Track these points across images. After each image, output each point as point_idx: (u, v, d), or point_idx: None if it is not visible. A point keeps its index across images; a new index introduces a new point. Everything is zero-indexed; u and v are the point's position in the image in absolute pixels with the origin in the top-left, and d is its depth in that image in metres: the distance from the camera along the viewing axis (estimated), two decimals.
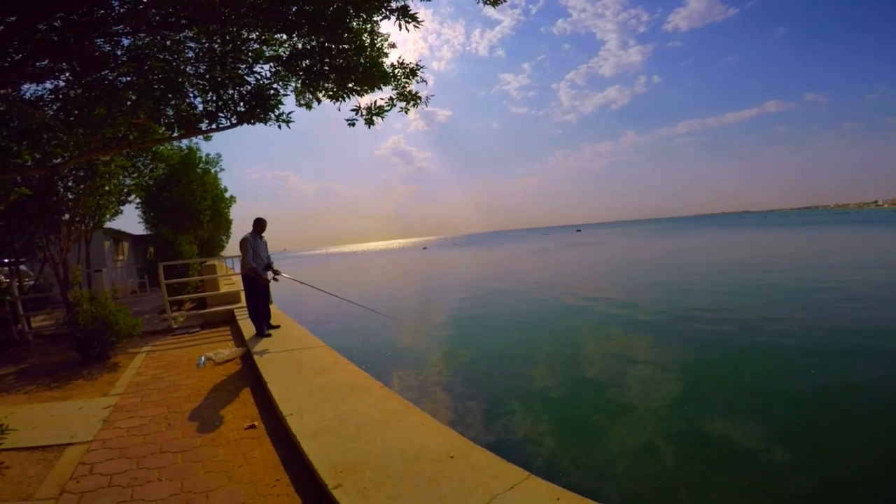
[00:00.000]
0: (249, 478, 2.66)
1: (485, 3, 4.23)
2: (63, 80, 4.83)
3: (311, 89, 4.89)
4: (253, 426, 3.42)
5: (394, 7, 3.97)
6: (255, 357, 4.97)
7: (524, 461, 2.79)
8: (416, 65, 4.76)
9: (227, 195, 22.46)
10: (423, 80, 4.85)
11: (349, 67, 4.49)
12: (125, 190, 12.46)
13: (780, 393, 6.08)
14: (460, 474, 2.29)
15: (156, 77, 4.56)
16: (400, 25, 3.98)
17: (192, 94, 5.10)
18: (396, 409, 3.23)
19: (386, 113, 4.90)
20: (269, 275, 6.29)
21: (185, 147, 16.64)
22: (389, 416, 3.09)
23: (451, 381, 7.41)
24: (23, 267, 12.40)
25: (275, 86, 4.93)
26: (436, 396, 6.81)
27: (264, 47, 4.80)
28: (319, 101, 5.12)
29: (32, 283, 11.65)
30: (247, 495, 2.48)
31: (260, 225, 6.24)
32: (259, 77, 4.96)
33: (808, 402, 5.77)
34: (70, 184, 8.94)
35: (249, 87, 4.94)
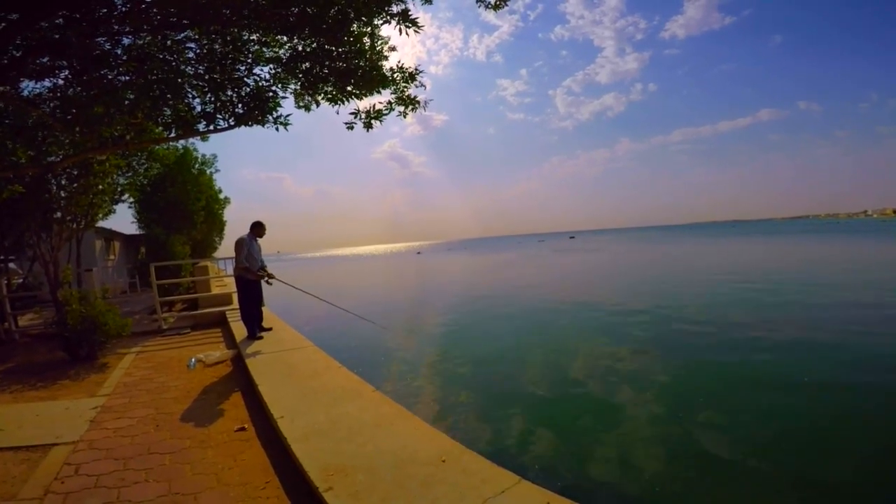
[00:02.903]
0: (239, 480, 2.63)
1: (486, 7, 4.28)
2: (62, 79, 4.82)
3: (311, 92, 4.91)
4: (243, 428, 3.39)
5: (394, 11, 4.00)
6: (247, 359, 4.92)
7: (515, 466, 2.79)
8: (416, 69, 4.80)
9: (222, 196, 22.38)
10: (422, 85, 4.88)
11: (349, 70, 4.51)
12: (119, 189, 12.38)
13: (771, 398, 6.14)
14: (452, 478, 2.28)
15: (155, 77, 4.56)
16: (401, 30, 4.01)
17: (190, 95, 5.10)
18: (388, 413, 3.22)
19: (384, 117, 4.92)
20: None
21: (180, 147, 16.60)
22: (381, 420, 3.07)
23: (443, 387, 7.40)
24: (12, 265, 12.24)
25: (274, 88, 4.95)
26: (428, 401, 6.78)
27: (264, 49, 4.82)
28: (318, 104, 5.13)
29: (21, 281, 11.50)
30: (236, 497, 2.45)
31: (260, 228, 6.21)
32: (258, 79, 4.97)
33: (800, 408, 5.83)
34: (63, 182, 8.87)
35: (248, 89, 4.95)
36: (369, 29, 4.56)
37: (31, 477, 2.76)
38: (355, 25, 4.38)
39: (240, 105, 5.01)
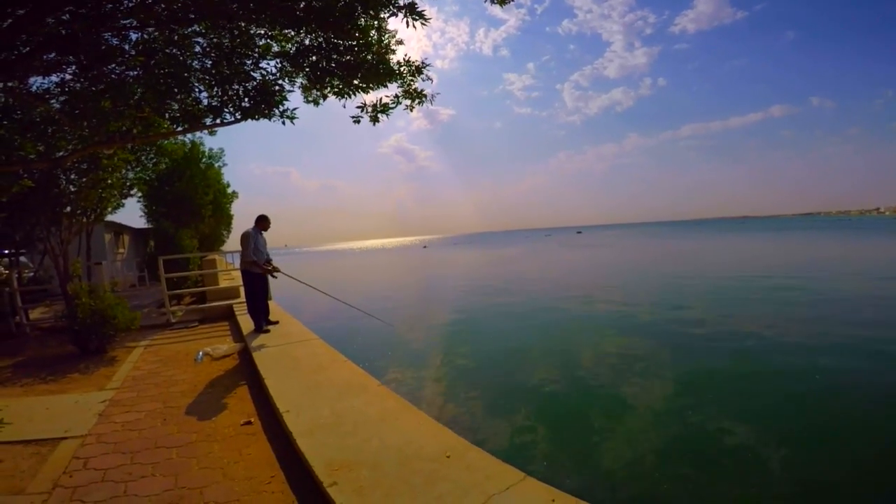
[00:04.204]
0: (244, 474, 2.64)
1: (492, 2, 4.22)
2: (70, 74, 4.82)
3: (318, 86, 4.88)
4: (249, 422, 3.40)
5: (401, 4, 3.96)
6: (253, 353, 4.95)
7: (521, 462, 2.77)
8: (422, 62, 4.75)
9: (230, 190, 22.46)
10: (429, 78, 4.84)
11: (356, 64, 4.48)
12: (127, 183, 12.46)
13: (782, 397, 6.08)
14: (456, 474, 2.27)
15: (162, 71, 4.56)
16: (407, 23, 3.97)
17: (197, 89, 5.09)
18: (394, 407, 3.21)
19: (391, 110, 4.89)
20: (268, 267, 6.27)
21: (188, 142, 16.66)
22: (386, 415, 3.07)
23: (449, 382, 7.40)
24: (22, 258, 12.40)
25: (280, 82, 4.93)
26: (433, 396, 6.79)
27: (272, 43, 4.80)
28: (326, 98, 5.11)
29: (32, 274, 11.64)
30: (241, 492, 2.46)
31: (265, 222, 6.23)
32: (265, 73, 4.96)
33: (809, 408, 5.78)
34: (72, 176, 8.93)
35: (254, 83, 4.93)
36: (376, 22, 4.52)
37: (40, 471, 2.79)
38: (362, 19, 4.34)
39: (246, 99, 5.00)
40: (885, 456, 4.59)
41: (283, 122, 4.91)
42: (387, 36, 4.63)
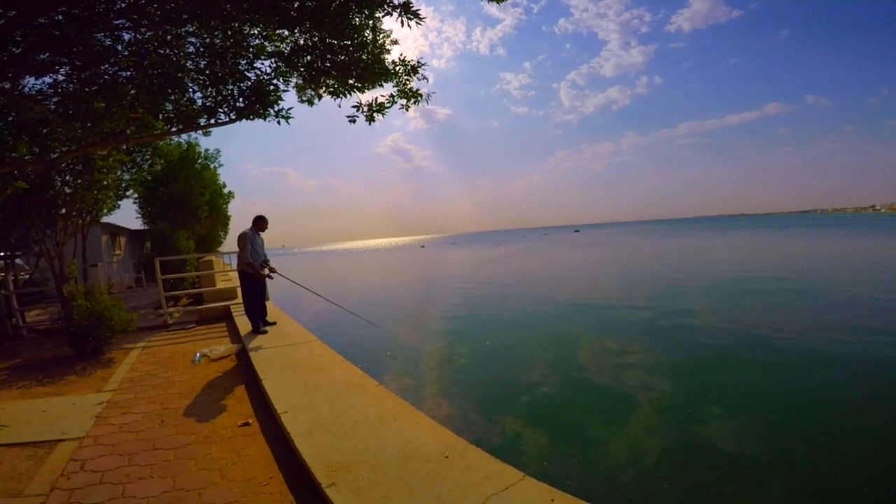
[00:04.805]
0: (242, 475, 2.63)
1: (489, 0, 4.22)
2: (62, 75, 4.80)
3: (313, 85, 4.87)
4: (247, 423, 3.39)
5: (396, 3, 3.95)
6: (251, 354, 4.94)
7: (519, 462, 2.77)
8: (418, 62, 4.75)
9: (226, 191, 22.42)
10: (425, 78, 4.84)
11: (351, 64, 4.47)
12: (123, 185, 12.41)
13: (782, 396, 6.10)
14: (455, 474, 2.27)
15: (155, 72, 4.54)
16: (402, 22, 3.96)
17: (191, 89, 5.07)
18: (392, 408, 3.21)
19: (387, 110, 4.89)
20: (265, 271, 6.26)
21: (184, 143, 16.61)
22: (385, 415, 3.07)
23: (448, 382, 7.40)
24: (18, 261, 12.32)
25: (274, 81, 4.91)
26: (432, 397, 6.79)
27: (266, 43, 4.78)
28: (320, 98, 5.10)
29: (28, 277, 11.59)
30: (239, 493, 2.45)
31: (262, 223, 6.21)
32: (259, 73, 4.94)
33: (811, 406, 5.79)
34: (67, 178, 8.89)
35: (249, 83, 4.92)
36: (371, 22, 4.51)
37: (38, 473, 2.78)
38: (357, 18, 4.33)
39: (241, 99, 4.98)
40: (886, 456, 4.59)
41: (279, 122, 4.90)
42: (382, 35, 4.62)
